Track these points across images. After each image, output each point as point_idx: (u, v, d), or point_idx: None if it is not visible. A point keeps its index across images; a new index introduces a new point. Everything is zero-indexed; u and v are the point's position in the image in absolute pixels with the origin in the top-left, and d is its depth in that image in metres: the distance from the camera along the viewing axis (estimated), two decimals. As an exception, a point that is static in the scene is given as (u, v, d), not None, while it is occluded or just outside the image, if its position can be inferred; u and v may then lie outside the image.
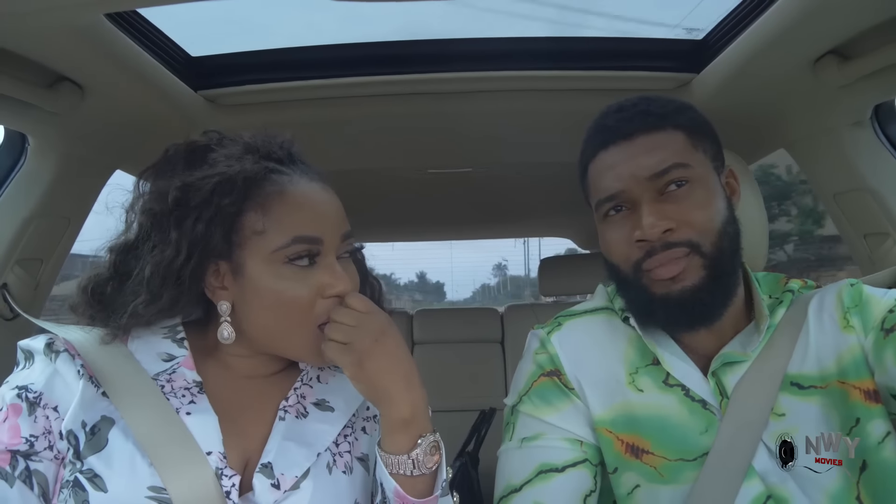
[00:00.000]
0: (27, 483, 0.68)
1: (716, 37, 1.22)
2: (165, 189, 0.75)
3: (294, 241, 0.74)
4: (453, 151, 1.78)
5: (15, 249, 1.24)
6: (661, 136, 0.81)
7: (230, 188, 0.73)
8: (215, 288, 0.77)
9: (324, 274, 0.76)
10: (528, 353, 0.94)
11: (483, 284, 46.47)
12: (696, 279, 0.78)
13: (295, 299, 0.74)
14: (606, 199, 0.83)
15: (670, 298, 0.79)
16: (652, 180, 0.79)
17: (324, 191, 0.81)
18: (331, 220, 0.78)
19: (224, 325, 0.77)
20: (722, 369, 0.83)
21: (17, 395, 0.70)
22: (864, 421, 0.76)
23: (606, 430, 0.84)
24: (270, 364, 0.83)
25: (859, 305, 0.82)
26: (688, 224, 0.78)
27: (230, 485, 0.70)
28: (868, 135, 1.23)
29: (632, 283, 0.83)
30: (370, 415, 0.87)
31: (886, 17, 0.90)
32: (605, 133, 0.85)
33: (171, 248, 0.73)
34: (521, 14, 5.94)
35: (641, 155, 0.80)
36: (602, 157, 0.84)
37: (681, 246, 0.78)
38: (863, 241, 1.30)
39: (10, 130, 1.22)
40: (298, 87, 1.31)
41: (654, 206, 0.79)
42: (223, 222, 0.74)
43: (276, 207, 0.75)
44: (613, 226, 0.84)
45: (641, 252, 0.80)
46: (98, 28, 0.93)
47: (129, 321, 0.74)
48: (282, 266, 0.74)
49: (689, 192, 0.80)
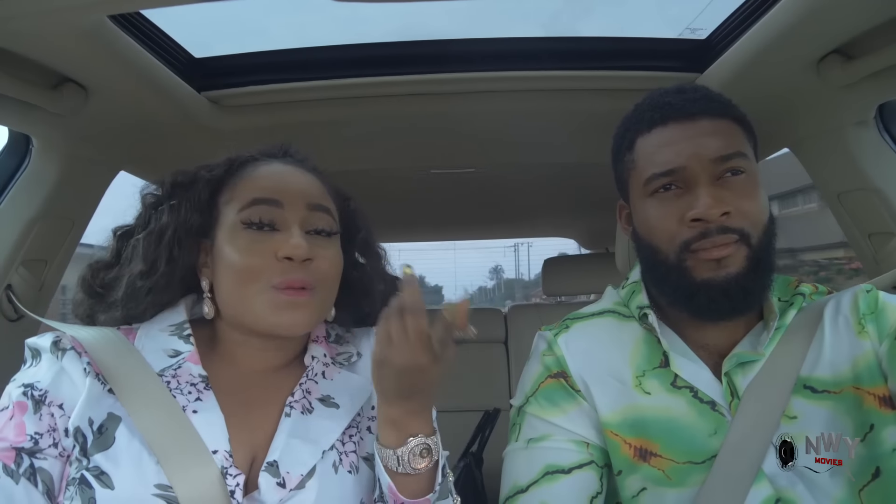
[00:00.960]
0: (32, 480, 0.68)
1: (719, 36, 1.22)
2: (164, 178, 0.83)
3: (252, 202, 0.78)
4: (456, 152, 1.78)
5: (19, 251, 1.24)
6: (724, 124, 0.82)
7: (213, 167, 0.83)
8: (202, 267, 0.82)
9: (281, 239, 0.77)
10: (535, 355, 0.94)
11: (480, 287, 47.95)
12: (739, 267, 0.78)
13: (248, 263, 0.76)
14: (663, 173, 0.82)
15: (713, 284, 0.79)
16: (715, 163, 0.79)
17: (296, 170, 0.85)
18: (293, 189, 0.81)
19: (205, 301, 0.81)
20: (734, 370, 0.83)
21: (23, 393, 0.71)
22: (878, 427, 0.75)
23: (613, 432, 0.84)
24: (272, 355, 0.83)
25: (875, 312, 0.81)
26: (742, 213, 0.78)
27: (235, 484, 0.70)
28: (872, 134, 1.23)
29: (672, 266, 0.82)
30: (375, 414, 0.87)
31: (890, 17, 0.90)
32: (665, 109, 0.84)
33: (162, 223, 0.79)
34: (520, 14, 5.91)
35: (706, 136, 0.80)
36: (660, 132, 0.83)
37: (733, 232, 0.78)
38: (867, 240, 1.30)
39: (15, 132, 1.23)
40: (301, 88, 1.31)
41: (712, 189, 0.79)
42: (202, 195, 0.81)
43: (245, 180, 0.82)
44: (663, 203, 0.83)
45: (694, 232, 0.79)
46: (102, 29, 0.94)
47: (125, 293, 0.78)
48: (241, 232, 0.78)
49: (745, 183, 0.80)
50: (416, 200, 2.52)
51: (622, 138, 0.89)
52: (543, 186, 2.34)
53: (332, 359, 0.88)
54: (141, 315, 0.81)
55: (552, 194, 2.48)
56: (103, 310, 0.82)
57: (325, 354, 0.87)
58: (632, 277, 0.97)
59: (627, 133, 0.88)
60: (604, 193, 1.04)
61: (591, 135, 1.61)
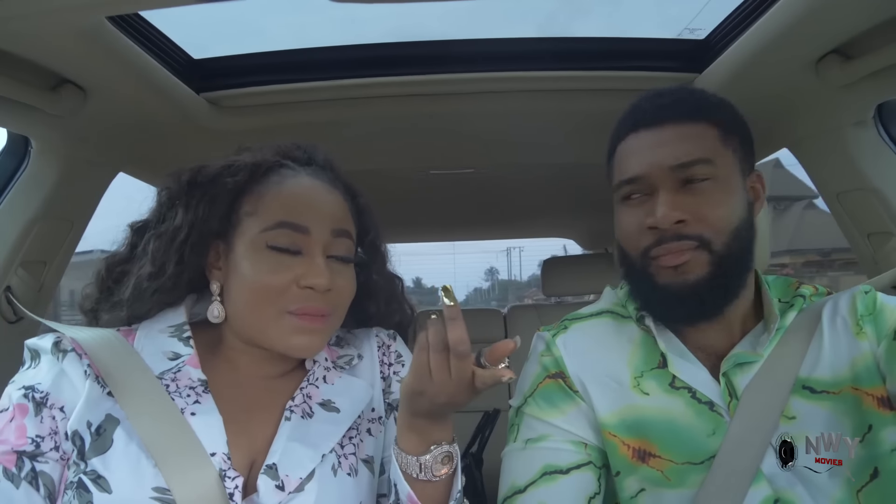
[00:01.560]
0: (33, 484, 0.68)
1: (718, 36, 1.22)
2: (182, 170, 0.80)
3: (279, 224, 0.77)
4: (455, 152, 1.78)
5: (18, 252, 1.24)
6: (692, 129, 0.81)
7: (236, 170, 0.79)
8: (213, 268, 0.81)
9: (304, 265, 0.77)
10: (534, 355, 0.94)
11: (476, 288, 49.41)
12: (699, 274, 0.79)
13: (267, 285, 0.76)
14: (626, 181, 0.83)
15: (670, 290, 0.80)
16: (674, 170, 0.80)
17: (323, 187, 0.83)
18: (321, 213, 0.80)
19: (214, 304, 0.80)
20: (733, 370, 0.83)
21: (24, 395, 0.70)
22: (876, 428, 0.75)
23: (611, 433, 0.84)
24: (274, 364, 0.83)
25: (873, 314, 0.81)
26: (701, 219, 0.78)
27: (233, 486, 0.70)
28: (871, 134, 1.23)
29: (638, 270, 0.84)
30: (375, 416, 0.87)
31: (888, 17, 0.90)
32: (637, 115, 0.85)
33: (177, 222, 0.78)
34: (518, 15, 5.91)
35: (668, 143, 0.81)
36: (630, 140, 0.85)
37: (690, 239, 0.78)
38: (866, 240, 1.30)
39: (13, 133, 1.22)
40: (300, 90, 1.31)
41: (670, 196, 0.79)
42: (223, 200, 0.78)
43: (271, 194, 0.79)
44: (629, 210, 0.84)
45: (651, 239, 0.80)
46: (100, 31, 0.93)
47: (131, 294, 0.77)
48: (264, 250, 0.77)
49: (710, 189, 0.80)
50: (415, 201, 2.52)
51: (609, 143, 0.91)
52: (542, 187, 2.34)
53: (333, 363, 0.88)
54: (145, 315, 0.81)
55: (551, 195, 2.48)
56: (108, 309, 0.81)
57: (326, 358, 0.87)
58: None
59: (611, 140, 0.90)
60: (603, 194, 1.03)
61: (589, 135, 1.61)
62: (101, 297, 0.81)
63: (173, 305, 0.83)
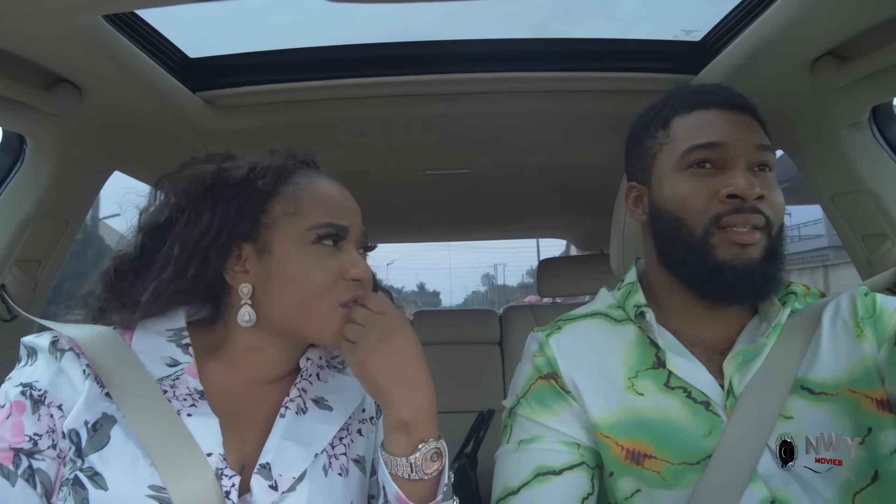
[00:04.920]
0: (30, 482, 0.67)
1: (714, 38, 1.22)
2: (202, 171, 0.79)
3: (326, 225, 0.78)
4: (451, 153, 1.78)
5: (13, 251, 1.24)
6: (757, 124, 0.85)
7: (264, 172, 0.80)
8: (236, 272, 0.79)
9: (346, 258, 0.79)
10: (527, 356, 0.94)
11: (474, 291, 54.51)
12: (759, 254, 0.80)
13: (320, 277, 0.77)
14: (704, 145, 0.83)
15: (735, 265, 0.80)
16: (756, 150, 0.82)
17: (342, 187, 0.86)
18: (355, 216, 0.83)
19: (245, 308, 0.79)
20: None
21: (21, 393, 0.70)
22: (875, 430, 0.75)
23: (603, 434, 0.83)
24: (276, 365, 0.83)
25: (873, 316, 0.81)
26: (771, 204, 0.81)
27: (230, 485, 0.70)
28: (866, 136, 1.23)
29: (696, 241, 0.82)
30: (366, 417, 0.87)
31: (884, 19, 0.90)
32: (708, 96, 0.86)
33: (202, 226, 0.77)
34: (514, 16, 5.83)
35: (747, 126, 0.84)
36: (702, 115, 0.85)
37: (763, 215, 0.80)
38: (861, 242, 1.30)
39: (8, 132, 1.22)
40: (296, 89, 1.31)
41: (748, 173, 0.81)
42: (255, 203, 0.78)
43: (308, 194, 0.80)
44: (696, 178, 0.83)
45: (726, 207, 0.80)
46: (96, 29, 0.93)
47: (150, 297, 0.76)
48: (310, 245, 0.78)
49: (772, 179, 0.83)
50: (411, 201, 2.52)
51: (655, 117, 0.90)
52: (538, 188, 2.35)
53: (327, 362, 0.88)
54: (159, 316, 0.80)
55: (547, 195, 2.49)
56: (117, 308, 0.79)
57: (320, 357, 0.87)
58: (627, 279, 0.97)
59: (662, 112, 0.89)
60: (598, 195, 1.04)
61: (585, 136, 1.61)
62: (108, 296, 0.80)
63: (186, 305, 0.82)
